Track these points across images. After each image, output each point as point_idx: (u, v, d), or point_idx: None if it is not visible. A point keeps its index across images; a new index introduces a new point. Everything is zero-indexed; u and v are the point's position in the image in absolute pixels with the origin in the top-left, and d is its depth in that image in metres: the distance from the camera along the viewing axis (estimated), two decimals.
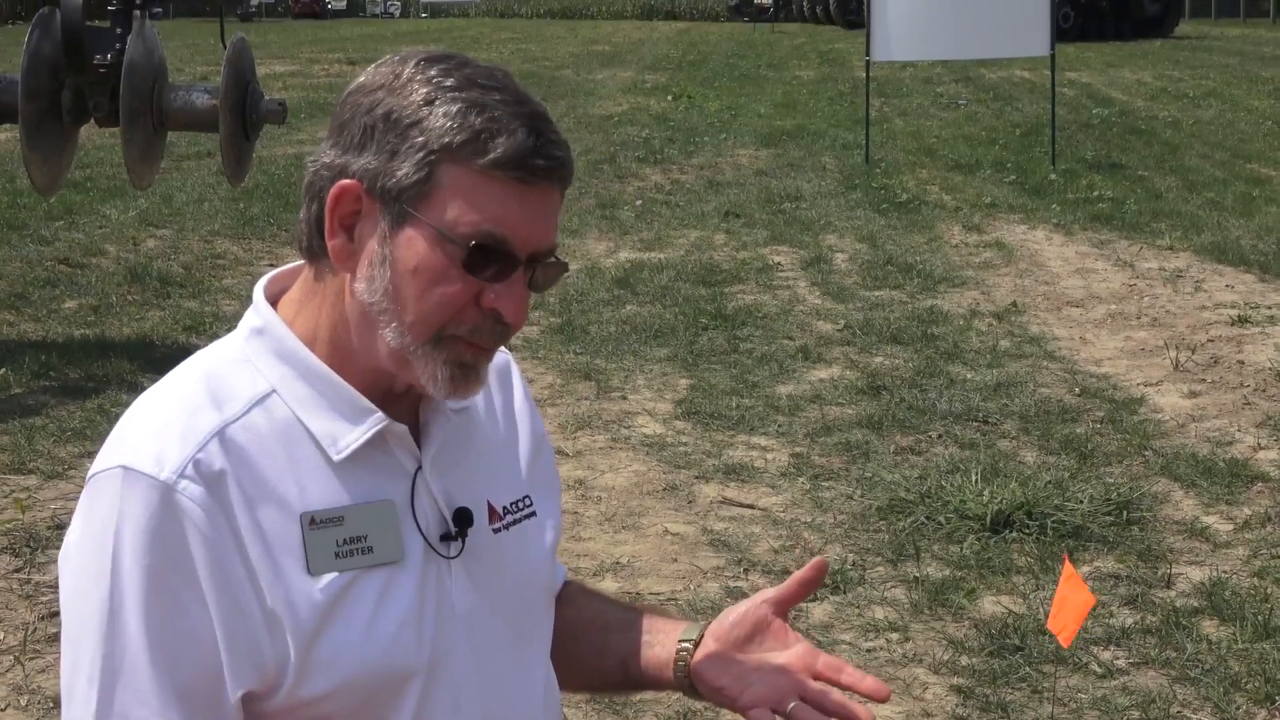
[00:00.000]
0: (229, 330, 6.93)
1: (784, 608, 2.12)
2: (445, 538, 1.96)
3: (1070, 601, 2.85)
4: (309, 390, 1.92)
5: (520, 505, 2.07)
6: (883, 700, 2.02)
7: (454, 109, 1.82)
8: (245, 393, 1.91)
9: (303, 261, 1.97)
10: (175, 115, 8.20)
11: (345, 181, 1.84)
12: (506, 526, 2.04)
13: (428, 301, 1.85)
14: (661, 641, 2.18)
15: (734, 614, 2.13)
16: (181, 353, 8.50)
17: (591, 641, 2.23)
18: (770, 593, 2.12)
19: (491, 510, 2.03)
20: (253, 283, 1.92)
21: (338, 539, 1.88)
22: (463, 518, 1.97)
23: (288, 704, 1.90)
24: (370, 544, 1.90)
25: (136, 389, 7.46)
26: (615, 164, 16.44)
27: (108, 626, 1.82)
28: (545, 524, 2.12)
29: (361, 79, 1.91)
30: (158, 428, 1.87)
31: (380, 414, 1.92)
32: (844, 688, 2.05)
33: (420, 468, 1.96)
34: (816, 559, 2.08)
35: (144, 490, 1.82)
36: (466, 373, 1.90)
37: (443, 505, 1.97)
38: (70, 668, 1.86)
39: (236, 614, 1.84)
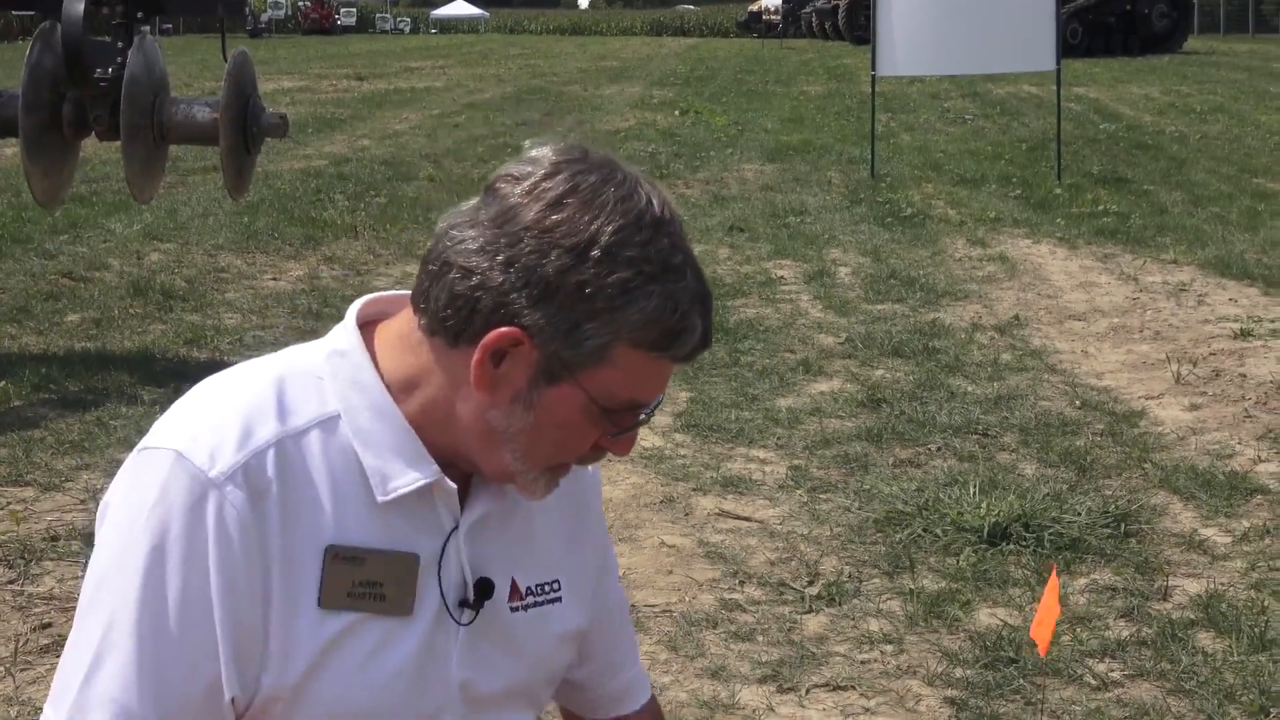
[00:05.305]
0: (230, 343, 6.97)
1: None
2: (462, 603, 1.97)
3: (1050, 611, 2.84)
4: (372, 425, 1.92)
5: (546, 588, 2.08)
6: None
7: (650, 305, 1.82)
8: (312, 409, 1.92)
9: (407, 294, 1.96)
10: (176, 129, 8.21)
11: (512, 331, 1.82)
12: (525, 608, 2.05)
13: (561, 447, 1.91)
14: None
15: None
16: (182, 366, 8.44)
17: None
18: None
19: (515, 588, 2.04)
20: (255, 296, 1.94)
21: (354, 579, 1.89)
22: (483, 588, 1.98)
23: None
24: (384, 592, 1.91)
25: (136, 402, 7.49)
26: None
27: (134, 607, 1.85)
28: (569, 610, 2.12)
29: (540, 209, 1.82)
30: (219, 422, 1.88)
31: (434, 468, 1.92)
32: None
33: (456, 528, 1.97)
34: None
35: (190, 482, 1.84)
36: (559, 479, 1.98)
37: (468, 571, 1.97)
38: (80, 629, 1.89)
39: (239, 624, 1.86)
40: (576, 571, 2.14)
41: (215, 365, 8.03)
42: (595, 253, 1.79)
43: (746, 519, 6.16)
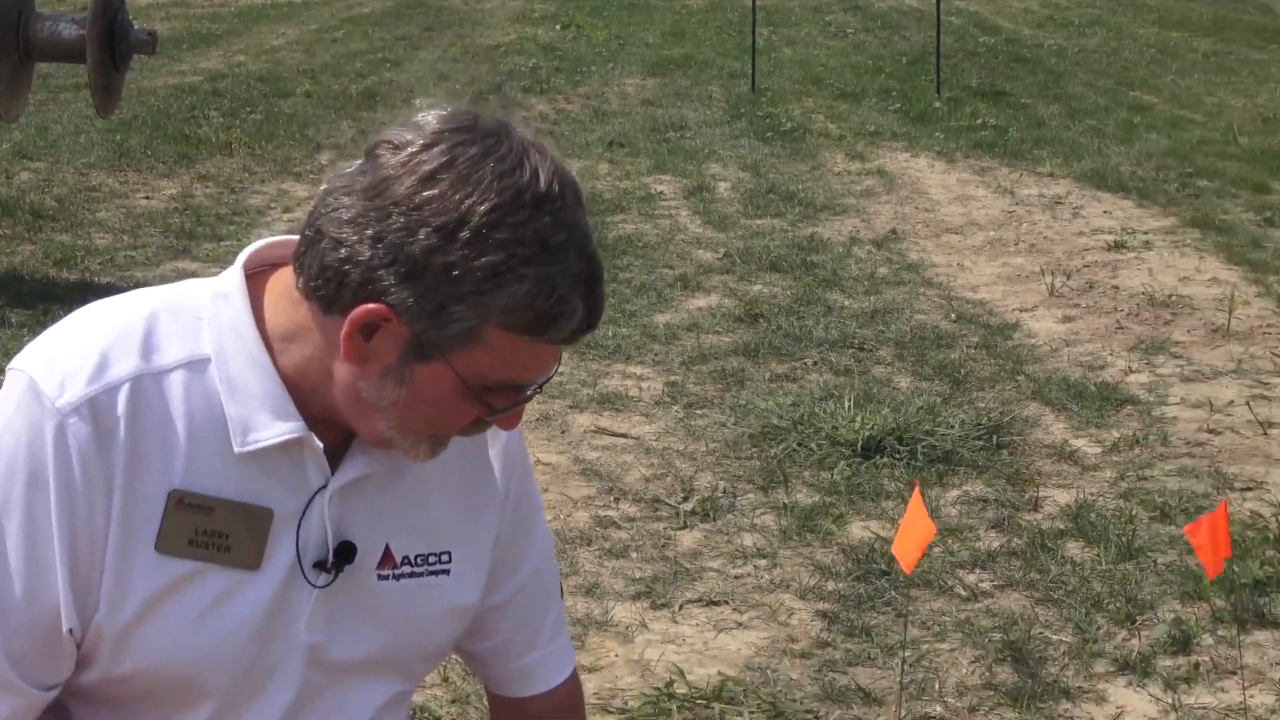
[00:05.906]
0: (101, 263, 6.81)
1: None
2: (319, 565, 1.91)
3: (915, 528, 2.86)
4: (243, 373, 1.86)
5: (430, 559, 2.00)
6: None
7: (522, 289, 1.73)
8: (181, 350, 1.86)
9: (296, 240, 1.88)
10: (42, 46, 8.04)
11: (378, 308, 1.76)
12: (398, 577, 1.98)
13: (436, 422, 1.84)
14: None
15: None
16: (52, 286, 8.25)
17: None
18: None
19: (388, 555, 1.97)
20: (127, 215, 1.88)
21: (198, 527, 1.85)
22: (344, 552, 1.92)
23: (102, 675, 1.90)
24: (230, 544, 1.86)
25: (4, 324, 7.35)
26: (501, 94, 16.31)
27: None
28: (459, 585, 2.04)
29: (412, 183, 1.75)
30: (80, 351, 1.84)
31: (300, 424, 1.86)
32: None
33: (325, 487, 1.90)
34: None
35: (36, 409, 1.81)
36: (444, 445, 1.91)
37: (330, 533, 1.91)
38: None
39: (77, 557, 1.82)
40: (473, 545, 2.06)
41: (85, 286, 7.94)
42: (464, 234, 1.72)
43: (623, 435, 6.16)
